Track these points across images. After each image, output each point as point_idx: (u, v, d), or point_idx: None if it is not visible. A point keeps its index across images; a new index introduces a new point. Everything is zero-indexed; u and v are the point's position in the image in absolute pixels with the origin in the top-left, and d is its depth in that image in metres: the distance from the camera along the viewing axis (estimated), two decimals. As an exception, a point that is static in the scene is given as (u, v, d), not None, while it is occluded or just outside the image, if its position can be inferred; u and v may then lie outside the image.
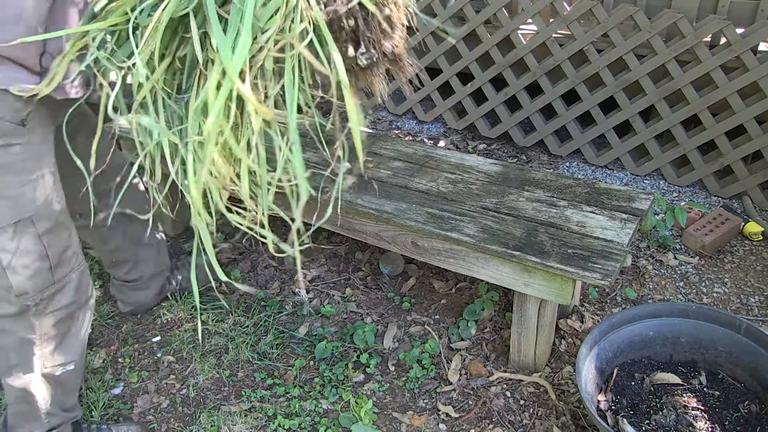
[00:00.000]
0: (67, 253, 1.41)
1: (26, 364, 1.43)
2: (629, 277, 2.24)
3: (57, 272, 1.38)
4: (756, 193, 2.59)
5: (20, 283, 1.32)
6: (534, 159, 3.02)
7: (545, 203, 1.82)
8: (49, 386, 1.49)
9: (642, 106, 2.68)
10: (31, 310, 1.36)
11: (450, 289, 2.23)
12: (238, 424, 1.74)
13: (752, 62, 2.38)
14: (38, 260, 1.33)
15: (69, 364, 1.49)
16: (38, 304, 1.37)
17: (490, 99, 3.04)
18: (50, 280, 1.37)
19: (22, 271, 1.30)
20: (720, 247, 2.36)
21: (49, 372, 1.47)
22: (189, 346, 2.03)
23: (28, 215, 1.29)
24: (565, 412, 1.73)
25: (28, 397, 1.48)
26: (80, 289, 1.46)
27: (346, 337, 2.03)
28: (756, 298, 2.13)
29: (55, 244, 1.36)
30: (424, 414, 1.77)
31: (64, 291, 1.42)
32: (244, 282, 2.30)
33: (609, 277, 1.49)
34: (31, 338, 1.40)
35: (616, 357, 1.74)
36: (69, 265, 1.42)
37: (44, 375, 1.47)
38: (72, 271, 1.43)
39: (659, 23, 2.48)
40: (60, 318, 1.43)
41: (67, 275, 1.42)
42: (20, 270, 1.30)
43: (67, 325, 1.46)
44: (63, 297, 1.42)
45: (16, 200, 1.27)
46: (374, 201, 1.85)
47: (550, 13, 2.97)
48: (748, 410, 1.62)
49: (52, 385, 1.50)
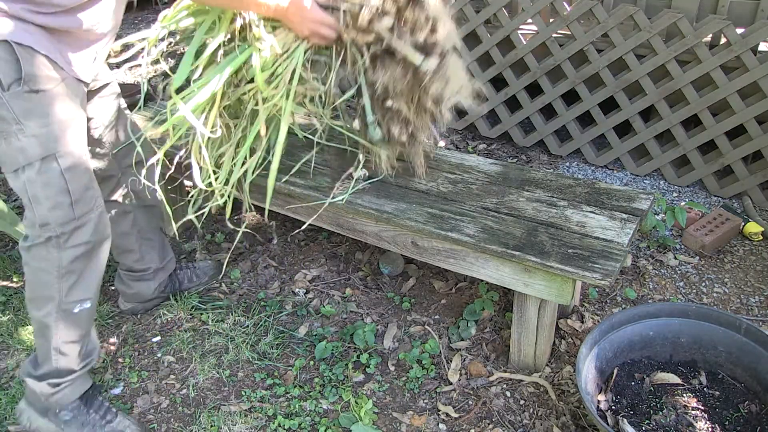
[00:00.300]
0: (88, 192, 1.55)
1: (46, 296, 1.57)
2: (629, 277, 2.24)
3: (77, 208, 1.52)
4: (756, 193, 2.59)
5: (43, 214, 1.48)
6: (534, 159, 3.02)
7: (545, 203, 1.82)
8: (65, 323, 1.60)
9: (642, 106, 2.68)
10: (53, 242, 1.51)
11: (450, 289, 2.23)
12: (238, 424, 1.74)
13: (752, 62, 2.38)
14: (60, 194, 1.48)
15: (86, 301, 1.61)
16: (59, 237, 1.51)
17: (490, 99, 3.04)
18: (71, 215, 1.51)
19: (45, 202, 1.47)
20: (720, 247, 2.36)
21: (67, 308, 1.59)
22: (189, 346, 2.03)
23: (53, 152, 1.46)
24: (565, 412, 1.73)
25: (44, 330, 1.60)
26: (98, 229, 1.58)
27: (346, 337, 2.03)
28: (756, 298, 2.13)
29: (76, 180, 1.51)
30: (424, 414, 1.77)
31: (84, 228, 1.55)
32: (244, 282, 2.30)
33: (609, 277, 1.49)
34: (52, 270, 1.54)
35: (616, 357, 1.74)
36: (89, 204, 1.55)
37: (63, 310, 1.58)
38: (92, 211, 1.56)
39: (659, 23, 2.48)
40: (78, 254, 1.55)
41: (87, 214, 1.55)
42: (43, 201, 1.47)
43: (85, 263, 1.58)
44: (83, 234, 1.55)
45: (43, 138, 1.44)
46: (374, 201, 1.85)
47: (550, 13, 2.98)
48: (748, 410, 1.62)
49: (69, 323, 1.60)
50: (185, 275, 2.23)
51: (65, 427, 1.67)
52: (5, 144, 1.43)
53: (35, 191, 1.47)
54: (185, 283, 2.22)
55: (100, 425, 1.68)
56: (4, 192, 2.90)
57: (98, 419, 1.68)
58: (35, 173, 1.45)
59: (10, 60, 1.37)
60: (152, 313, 2.17)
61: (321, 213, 1.99)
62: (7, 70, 1.37)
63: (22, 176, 1.46)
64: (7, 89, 1.38)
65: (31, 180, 1.46)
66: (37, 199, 1.48)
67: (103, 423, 1.68)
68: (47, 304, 1.58)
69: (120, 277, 2.09)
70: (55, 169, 1.47)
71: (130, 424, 1.71)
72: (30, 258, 1.55)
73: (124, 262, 2.05)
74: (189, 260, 2.39)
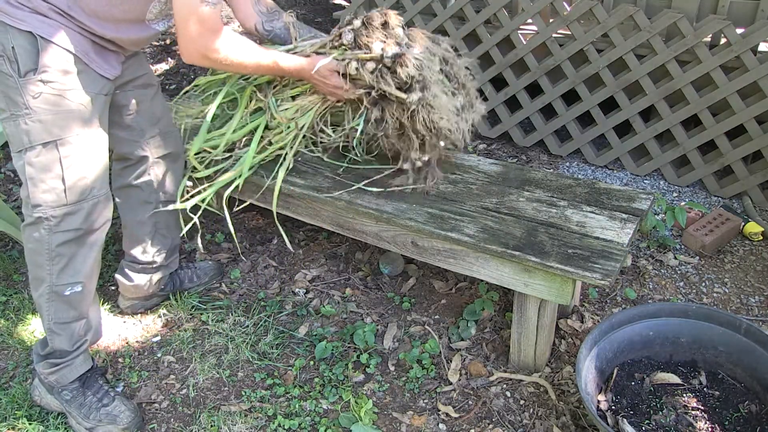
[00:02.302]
0: (83, 182, 1.60)
1: (40, 276, 1.66)
2: (629, 277, 2.24)
3: (70, 195, 1.58)
4: (756, 193, 2.59)
5: (36, 195, 1.56)
6: (534, 159, 3.02)
7: (545, 203, 1.82)
8: (57, 304, 1.68)
9: (642, 106, 2.68)
10: (43, 223, 1.59)
11: (450, 289, 2.23)
12: (238, 424, 1.74)
13: (752, 62, 2.38)
14: (55, 180, 1.56)
15: (77, 285, 1.68)
16: (49, 219, 1.58)
17: (490, 99, 3.04)
18: (63, 200, 1.58)
19: (39, 185, 1.55)
20: (720, 247, 2.36)
21: (58, 290, 1.66)
22: (189, 346, 2.03)
23: (55, 139, 1.53)
24: (565, 412, 1.73)
25: (41, 310, 1.70)
26: (90, 218, 1.64)
27: (346, 337, 2.03)
28: (756, 298, 2.13)
29: (73, 169, 1.57)
30: (424, 414, 1.77)
31: (75, 215, 1.61)
32: (244, 282, 2.30)
33: (609, 277, 1.49)
34: (43, 252, 1.62)
35: (616, 357, 1.74)
36: (83, 193, 1.61)
37: (54, 292, 1.66)
38: (85, 200, 1.62)
39: (659, 23, 2.48)
40: (68, 239, 1.62)
41: (80, 202, 1.61)
42: (39, 184, 1.55)
43: (75, 248, 1.65)
44: (73, 221, 1.61)
45: (48, 125, 1.52)
46: (374, 201, 1.85)
47: (550, 13, 2.98)
48: (748, 410, 1.62)
49: (60, 304, 1.68)
50: (186, 275, 2.23)
51: (66, 405, 1.75)
52: (14, 125, 1.52)
53: (32, 173, 1.55)
54: (185, 283, 2.22)
55: (96, 407, 1.73)
56: (4, 192, 2.90)
57: (95, 402, 1.74)
58: (35, 156, 1.54)
59: (31, 51, 1.46)
60: (152, 313, 2.17)
61: (321, 213, 1.99)
62: (26, 59, 1.47)
63: (23, 157, 1.55)
64: (23, 76, 1.47)
65: (30, 162, 1.54)
66: (33, 181, 1.56)
67: (99, 406, 1.74)
68: (41, 285, 1.67)
69: (122, 268, 2.10)
70: (55, 155, 1.54)
71: (125, 410, 1.74)
72: (25, 239, 1.65)
73: (131, 253, 2.05)
74: (189, 260, 2.40)
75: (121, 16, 1.57)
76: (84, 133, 1.58)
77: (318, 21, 5.14)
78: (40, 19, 1.47)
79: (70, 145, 1.56)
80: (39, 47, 1.46)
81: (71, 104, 1.54)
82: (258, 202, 2.13)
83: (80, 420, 1.72)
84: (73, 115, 1.55)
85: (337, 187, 1.92)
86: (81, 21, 1.52)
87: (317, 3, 5.59)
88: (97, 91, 1.60)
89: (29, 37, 1.46)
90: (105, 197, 1.68)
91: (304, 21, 5.24)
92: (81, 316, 1.73)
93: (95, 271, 1.74)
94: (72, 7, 1.49)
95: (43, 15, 1.47)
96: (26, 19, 1.45)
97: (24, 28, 1.45)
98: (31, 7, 1.46)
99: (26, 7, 1.45)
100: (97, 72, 1.59)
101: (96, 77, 1.59)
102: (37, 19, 1.46)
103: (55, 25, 1.48)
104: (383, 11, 1.79)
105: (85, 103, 1.57)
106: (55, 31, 1.48)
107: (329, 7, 5.43)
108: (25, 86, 1.48)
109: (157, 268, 2.09)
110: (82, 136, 1.57)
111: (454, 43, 1.95)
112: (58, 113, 1.52)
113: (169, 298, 2.19)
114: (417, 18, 3.06)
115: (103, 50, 1.61)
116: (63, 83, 1.51)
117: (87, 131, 1.59)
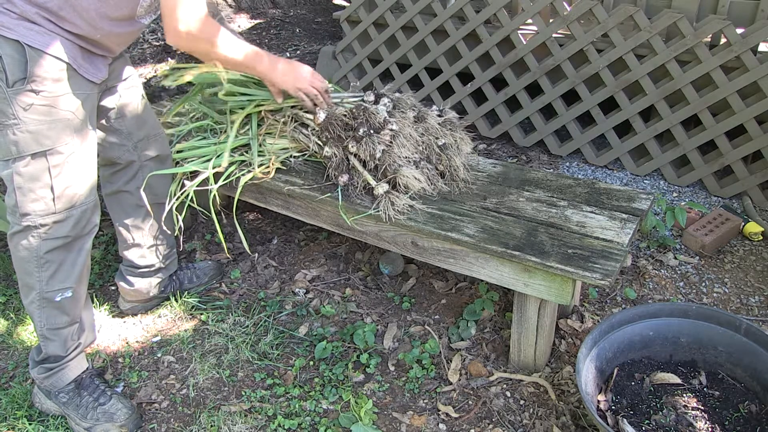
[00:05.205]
0: (72, 190, 1.60)
1: (29, 284, 1.65)
2: (629, 277, 2.24)
3: (59, 203, 1.58)
4: (756, 193, 2.59)
5: (25, 205, 1.56)
6: (534, 159, 3.02)
7: (545, 203, 1.82)
8: (49, 311, 1.67)
9: (642, 106, 2.68)
10: (32, 231, 1.58)
11: (450, 289, 2.23)
12: (238, 424, 1.74)
13: (752, 62, 2.38)
14: (43, 188, 1.55)
15: (66, 290, 1.67)
16: (38, 228, 1.58)
17: (490, 99, 3.05)
18: (52, 209, 1.58)
19: (28, 194, 1.55)
20: (720, 247, 2.36)
21: (49, 296, 1.66)
22: (189, 346, 2.03)
23: (44, 150, 1.52)
24: (565, 412, 1.73)
25: (32, 317, 1.70)
26: (78, 225, 1.64)
27: (346, 337, 2.03)
28: (756, 298, 2.13)
29: (62, 178, 1.57)
30: (424, 414, 1.77)
31: (64, 223, 1.61)
32: (244, 282, 2.30)
33: (609, 277, 1.49)
34: (32, 259, 1.61)
35: (616, 357, 1.74)
36: (71, 201, 1.61)
37: (45, 298, 1.66)
38: (74, 208, 1.61)
39: (659, 23, 2.48)
40: (56, 246, 1.62)
41: (68, 210, 1.60)
42: (27, 193, 1.55)
43: (64, 254, 1.65)
44: (62, 228, 1.61)
45: (37, 135, 1.50)
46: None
47: (550, 13, 2.98)
48: (748, 410, 1.62)
49: (52, 310, 1.68)
50: (185, 276, 2.23)
51: (64, 408, 1.76)
52: (1, 135, 1.50)
53: (20, 182, 1.54)
54: (185, 284, 2.22)
55: (92, 407, 1.73)
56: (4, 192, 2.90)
57: (91, 401, 1.74)
58: (23, 166, 1.52)
59: (20, 60, 1.44)
60: (152, 313, 2.17)
61: (321, 213, 1.99)
62: (14, 68, 1.44)
63: (11, 166, 1.53)
64: (11, 86, 1.45)
65: (19, 171, 1.53)
66: (21, 190, 1.55)
67: (96, 405, 1.74)
68: (31, 292, 1.66)
69: (121, 273, 2.10)
70: (44, 165, 1.54)
71: (122, 407, 1.74)
72: (13, 246, 1.63)
73: (128, 257, 2.05)
74: (189, 260, 2.40)
75: (114, 13, 1.56)
76: (73, 141, 1.57)
77: (318, 21, 5.14)
78: (28, 26, 1.44)
79: (59, 154, 1.55)
80: (27, 56, 1.43)
81: (61, 113, 1.52)
82: (257, 202, 2.13)
83: (78, 420, 1.73)
84: (63, 124, 1.53)
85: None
86: (72, 22, 1.49)
87: (317, 3, 5.59)
88: (85, 96, 1.59)
89: (16, 45, 1.43)
90: (93, 204, 1.67)
91: (304, 21, 5.24)
92: (73, 320, 1.73)
93: (85, 275, 1.73)
94: (63, 7, 1.47)
95: (31, 21, 1.44)
96: (13, 27, 1.42)
97: (11, 36, 1.42)
98: (18, 13, 1.43)
99: (12, 12, 1.43)
100: (85, 77, 1.58)
101: (84, 83, 1.58)
102: (24, 26, 1.43)
103: (43, 32, 1.46)
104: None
105: (75, 111, 1.56)
106: (42, 39, 1.46)
107: (329, 7, 5.43)
108: (14, 96, 1.45)
109: (156, 270, 2.09)
110: (71, 145, 1.56)
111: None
112: (48, 123, 1.51)
113: (169, 298, 2.19)
114: (417, 18, 3.06)
115: (90, 55, 1.60)
116: (52, 91, 1.50)
117: (76, 140, 1.58)
